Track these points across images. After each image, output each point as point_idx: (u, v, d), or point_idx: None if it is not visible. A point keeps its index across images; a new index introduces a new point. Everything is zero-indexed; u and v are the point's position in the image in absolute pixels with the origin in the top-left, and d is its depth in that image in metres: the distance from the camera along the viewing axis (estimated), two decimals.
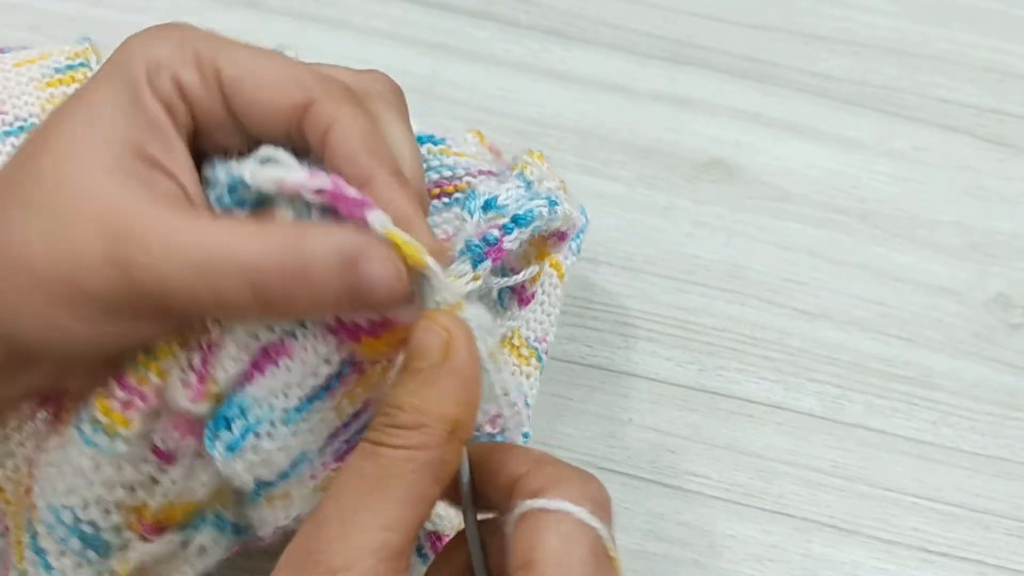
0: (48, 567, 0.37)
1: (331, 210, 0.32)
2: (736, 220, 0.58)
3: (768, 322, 0.55)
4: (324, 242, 0.31)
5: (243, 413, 0.34)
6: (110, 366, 0.34)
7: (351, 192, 0.32)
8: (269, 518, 0.37)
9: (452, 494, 0.34)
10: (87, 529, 0.37)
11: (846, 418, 0.52)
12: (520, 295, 0.45)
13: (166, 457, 0.36)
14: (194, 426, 0.35)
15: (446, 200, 0.45)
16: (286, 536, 0.34)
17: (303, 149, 0.34)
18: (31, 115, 0.48)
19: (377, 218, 0.31)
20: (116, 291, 0.31)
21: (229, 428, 0.34)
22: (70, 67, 0.50)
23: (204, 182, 0.34)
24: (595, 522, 0.30)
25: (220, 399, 0.35)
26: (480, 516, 0.34)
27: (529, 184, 0.40)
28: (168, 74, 0.33)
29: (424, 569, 0.36)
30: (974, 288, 0.56)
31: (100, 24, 0.61)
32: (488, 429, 0.44)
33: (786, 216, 0.58)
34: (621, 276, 0.56)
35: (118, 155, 0.32)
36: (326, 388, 0.35)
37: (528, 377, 0.47)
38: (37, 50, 0.51)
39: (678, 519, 0.50)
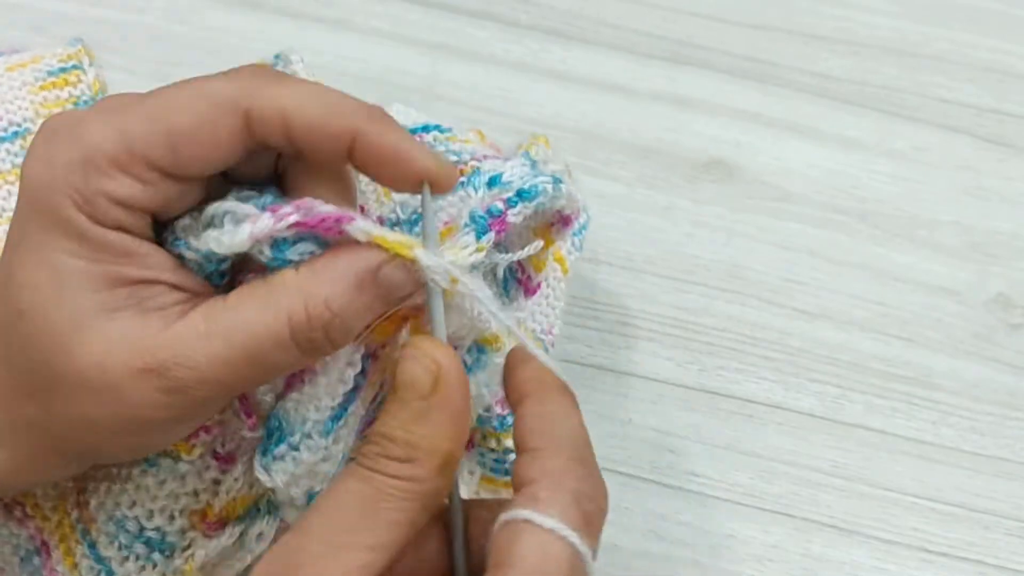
0: (111, 573, 0.38)
1: (308, 233, 0.32)
2: (736, 220, 0.58)
3: (768, 322, 0.55)
4: (338, 276, 0.32)
5: (279, 424, 0.35)
6: None
7: (322, 211, 0.32)
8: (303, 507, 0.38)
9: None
10: (153, 535, 0.38)
11: (846, 418, 0.52)
12: (526, 285, 0.45)
13: (227, 460, 0.38)
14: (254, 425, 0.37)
15: None
16: None
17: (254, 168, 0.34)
18: (24, 119, 0.48)
19: (357, 228, 0.32)
20: (183, 409, 0.32)
21: (269, 437, 0.35)
22: (63, 70, 0.50)
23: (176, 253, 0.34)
24: (575, 537, 0.30)
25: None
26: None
27: (534, 163, 0.41)
28: (101, 200, 0.32)
29: None
30: (974, 288, 0.56)
31: (100, 24, 0.61)
32: (498, 411, 0.44)
33: (786, 216, 0.58)
34: (621, 276, 0.56)
35: (101, 299, 0.32)
36: (354, 389, 0.36)
37: None
38: (29, 53, 0.51)
39: (678, 519, 0.50)
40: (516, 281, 0.46)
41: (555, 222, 0.43)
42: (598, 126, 0.60)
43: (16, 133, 0.48)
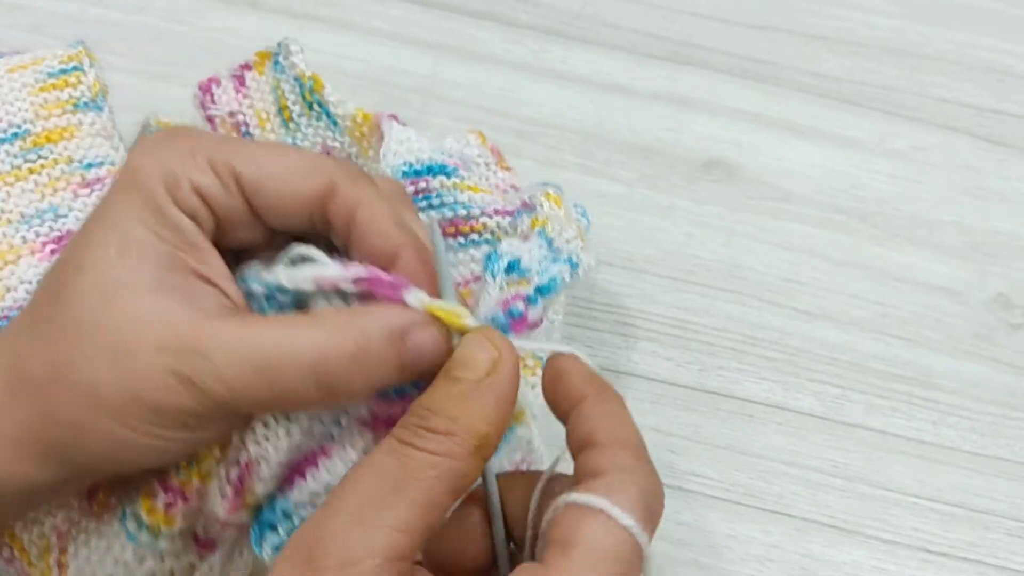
0: None
1: (367, 295, 0.33)
2: (736, 220, 0.58)
3: (768, 322, 0.55)
4: (374, 323, 0.33)
5: (287, 517, 0.35)
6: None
7: (386, 277, 0.33)
8: None
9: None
10: None
11: (846, 418, 0.52)
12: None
13: (207, 545, 0.37)
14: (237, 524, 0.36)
15: (462, 240, 0.45)
16: None
17: (321, 233, 0.36)
18: (24, 121, 0.48)
19: (414, 297, 0.33)
20: (184, 404, 0.32)
21: (276, 531, 0.35)
22: (63, 71, 0.50)
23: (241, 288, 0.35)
24: (642, 533, 0.31)
25: (259, 507, 0.36)
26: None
27: (550, 242, 0.41)
28: (187, 185, 0.34)
29: None
30: (974, 288, 0.56)
31: (100, 24, 0.61)
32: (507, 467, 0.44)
33: (786, 216, 0.58)
34: (621, 276, 0.56)
35: (157, 274, 0.33)
36: None
37: (534, 388, 0.47)
38: (30, 55, 0.51)
39: (678, 519, 0.50)
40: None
41: None
42: (598, 126, 0.60)
43: (16, 135, 0.48)
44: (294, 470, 0.35)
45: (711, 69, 0.63)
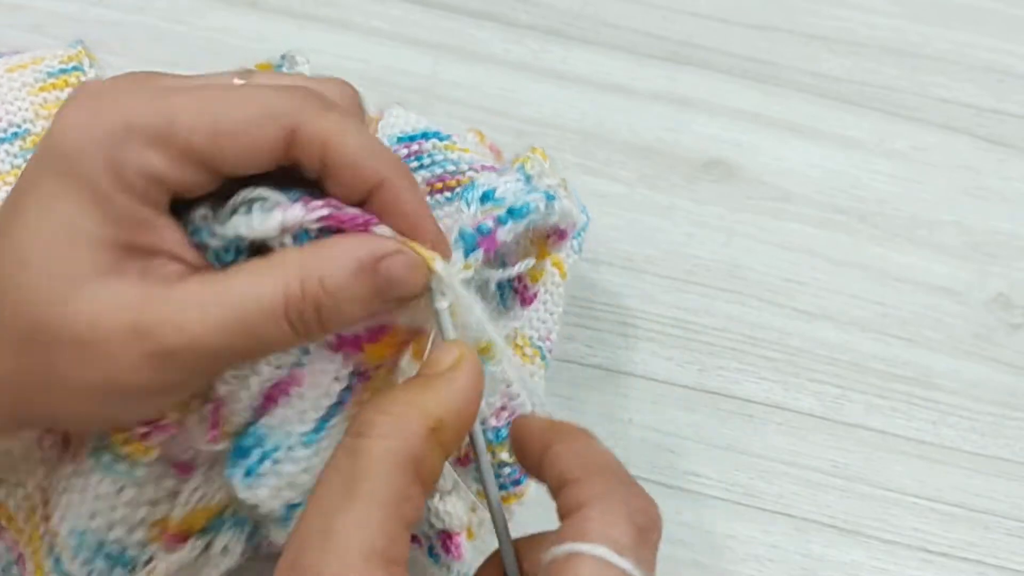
0: None
1: (334, 231, 0.32)
2: (736, 220, 0.58)
3: (768, 322, 0.55)
4: (339, 257, 0.32)
5: (260, 441, 0.35)
6: None
7: (351, 211, 0.32)
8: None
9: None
10: (113, 549, 0.37)
11: (846, 418, 0.52)
12: (522, 295, 0.45)
13: (185, 468, 0.37)
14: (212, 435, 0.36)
15: (448, 195, 0.45)
16: None
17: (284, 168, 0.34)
18: (24, 120, 0.48)
19: (383, 232, 0.32)
20: (166, 379, 0.32)
21: (247, 456, 0.35)
22: (63, 71, 0.50)
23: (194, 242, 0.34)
24: (626, 563, 0.30)
25: (238, 434, 0.35)
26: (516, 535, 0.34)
27: (529, 178, 0.40)
28: (134, 169, 0.32)
29: (436, 570, 0.36)
30: (974, 288, 0.56)
31: (100, 24, 0.61)
32: (493, 423, 0.44)
33: (786, 216, 0.58)
34: (621, 276, 0.56)
35: (110, 259, 0.32)
36: (339, 403, 0.35)
37: (532, 376, 0.47)
38: (30, 55, 0.51)
39: (678, 519, 0.50)
40: (513, 291, 0.46)
41: (551, 235, 0.43)
42: (598, 126, 0.60)
43: (16, 134, 0.48)
44: (267, 398, 0.35)
45: (711, 69, 0.63)
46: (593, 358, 0.53)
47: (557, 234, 0.43)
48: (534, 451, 0.34)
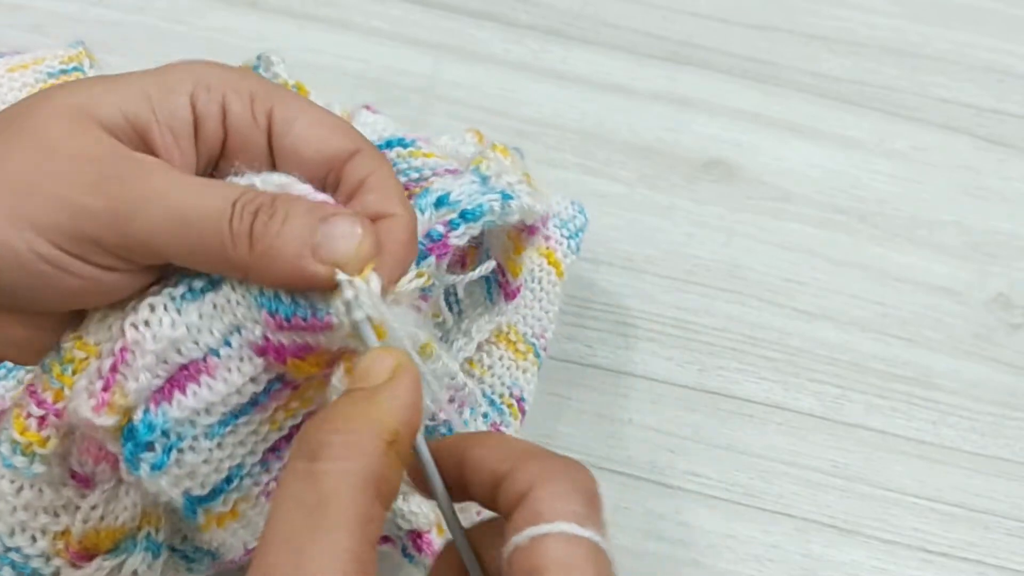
0: None
1: None
2: (736, 220, 0.58)
3: (768, 322, 0.55)
4: (295, 198, 0.33)
5: (164, 434, 0.33)
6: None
7: (319, 197, 0.32)
8: (230, 540, 0.37)
9: (422, 487, 0.34)
10: (16, 557, 0.37)
11: (846, 418, 0.52)
12: (505, 288, 0.45)
13: (84, 481, 0.36)
14: (105, 453, 0.35)
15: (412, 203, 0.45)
16: None
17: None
18: None
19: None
20: (112, 236, 0.32)
21: (153, 449, 0.33)
22: (63, 71, 0.50)
23: None
24: (590, 532, 0.30)
25: (128, 416, 0.34)
26: (468, 524, 0.34)
27: (485, 179, 0.40)
28: (216, 96, 0.34)
29: (412, 569, 0.36)
30: (974, 288, 0.56)
31: (100, 24, 0.61)
32: (443, 416, 0.43)
33: (786, 216, 0.58)
34: (621, 276, 0.56)
35: (112, 127, 0.34)
36: (253, 403, 0.34)
37: (525, 372, 0.47)
38: (31, 55, 0.51)
39: (678, 519, 0.50)
40: (497, 284, 0.46)
41: (521, 231, 0.43)
42: (598, 126, 0.60)
43: None
44: (172, 383, 0.34)
45: (711, 69, 0.63)
46: (593, 358, 0.53)
47: (526, 230, 0.43)
48: (450, 466, 0.33)
